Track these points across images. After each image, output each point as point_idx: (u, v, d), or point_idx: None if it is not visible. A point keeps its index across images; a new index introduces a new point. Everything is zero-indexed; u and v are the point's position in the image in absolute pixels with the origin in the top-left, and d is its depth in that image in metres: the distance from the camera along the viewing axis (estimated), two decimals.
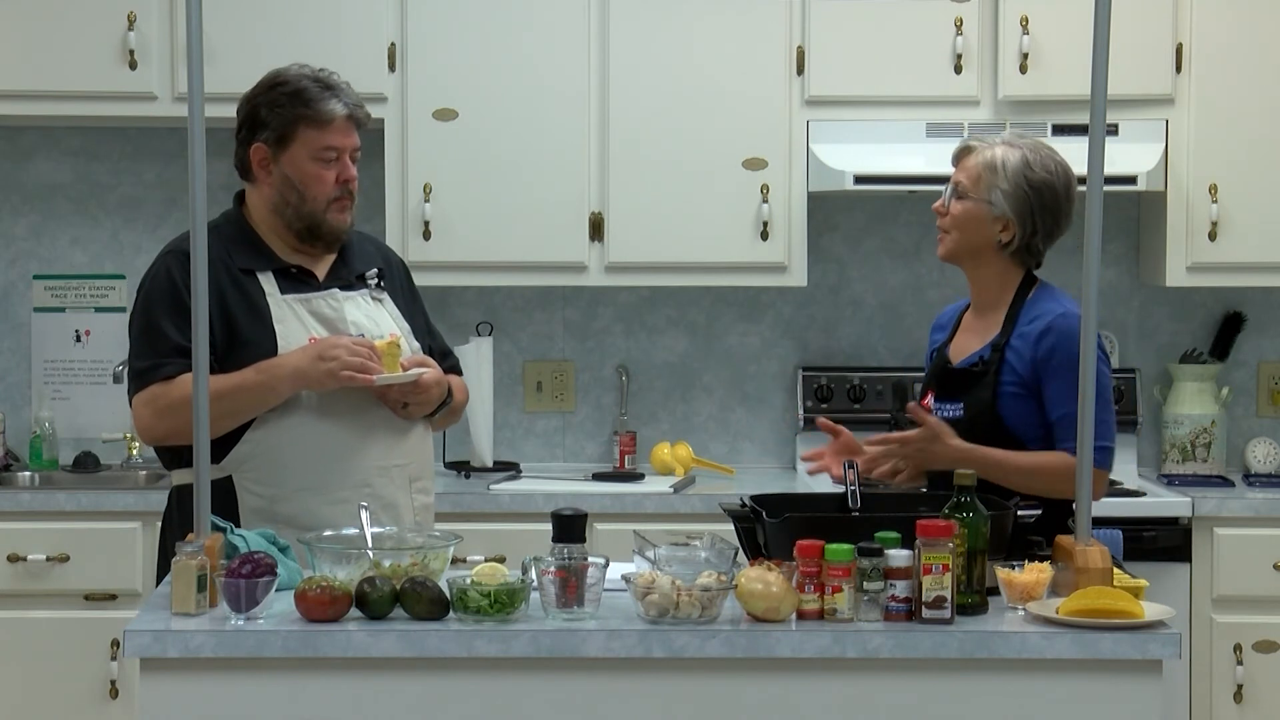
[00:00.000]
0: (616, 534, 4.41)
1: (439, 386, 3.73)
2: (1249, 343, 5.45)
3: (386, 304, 3.81)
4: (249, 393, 3.55)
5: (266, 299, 3.65)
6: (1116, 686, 3.05)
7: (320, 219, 3.68)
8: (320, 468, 3.61)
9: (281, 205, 3.69)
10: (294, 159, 3.67)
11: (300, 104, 3.66)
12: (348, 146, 3.70)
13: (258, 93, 3.71)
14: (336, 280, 3.74)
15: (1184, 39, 5.06)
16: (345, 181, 3.70)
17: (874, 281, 5.46)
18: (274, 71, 3.74)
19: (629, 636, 3.04)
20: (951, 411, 3.66)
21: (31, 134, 5.45)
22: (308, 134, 3.66)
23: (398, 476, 3.70)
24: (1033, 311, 3.68)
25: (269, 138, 3.67)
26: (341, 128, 3.69)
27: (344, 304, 3.71)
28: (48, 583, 4.85)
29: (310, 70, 3.72)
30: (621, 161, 5.10)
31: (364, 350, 3.58)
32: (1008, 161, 3.66)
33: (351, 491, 3.59)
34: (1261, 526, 4.88)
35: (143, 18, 5.06)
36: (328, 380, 3.57)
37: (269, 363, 3.58)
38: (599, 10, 5.09)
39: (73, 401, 5.43)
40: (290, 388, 3.58)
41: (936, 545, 3.06)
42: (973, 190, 3.67)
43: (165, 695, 3.05)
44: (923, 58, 5.08)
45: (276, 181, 3.68)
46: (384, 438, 3.68)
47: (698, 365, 5.49)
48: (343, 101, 3.69)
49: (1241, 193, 5.07)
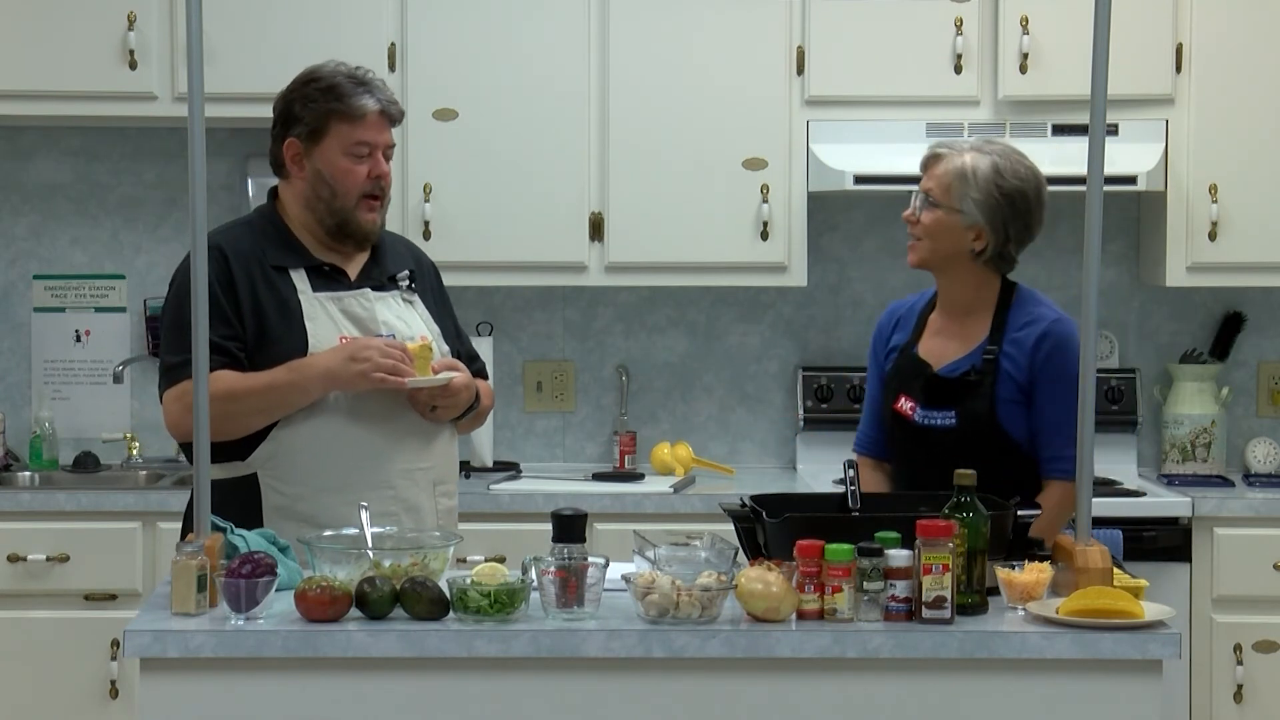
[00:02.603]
0: (616, 534, 4.42)
1: (468, 391, 3.73)
2: (1249, 343, 5.45)
3: (417, 306, 3.80)
4: (280, 391, 3.55)
5: (299, 296, 3.64)
6: (1116, 686, 3.06)
7: (351, 215, 3.68)
8: (345, 469, 3.60)
9: (313, 200, 3.68)
10: (326, 154, 3.67)
11: (333, 99, 3.66)
12: (381, 143, 3.71)
13: (293, 88, 3.71)
14: (369, 280, 3.73)
15: (1184, 39, 5.06)
16: (378, 178, 3.70)
17: (874, 281, 5.46)
18: (310, 68, 3.74)
19: (629, 636, 3.04)
20: (942, 420, 3.65)
21: (31, 134, 5.45)
22: (340, 129, 3.66)
23: (422, 480, 3.69)
24: (1021, 317, 3.67)
25: (302, 133, 3.67)
26: (374, 123, 3.68)
27: (376, 304, 3.70)
28: (48, 583, 4.85)
29: (346, 67, 3.73)
30: (621, 161, 5.10)
31: (396, 353, 3.57)
32: (978, 169, 3.63)
33: (375, 493, 3.58)
34: (1261, 526, 4.87)
35: (143, 18, 5.06)
36: (359, 381, 3.56)
37: (300, 362, 3.57)
38: (599, 10, 5.09)
39: (73, 401, 5.43)
40: (321, 388, 3.57)
41: (936, 545, 3.06)
42: (943, 199, 3.64)
43: (165, 695, 3.05)
44: (923, 58, 5.08)
45: (309, 176, 3.68)
46: (411, 441, 3.68)
47: (698, 365, 5.49)
48: (376, 97, 3.69)
49: (1241, 193, 5.07)
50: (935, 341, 3.75)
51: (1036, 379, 3.62)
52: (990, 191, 3.63)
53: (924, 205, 3.67)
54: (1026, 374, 3.63)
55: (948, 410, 3.65)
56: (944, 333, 3.74)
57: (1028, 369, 3.63)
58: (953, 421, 3.64)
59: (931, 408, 3.67)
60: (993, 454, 3.57)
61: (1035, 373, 3.62)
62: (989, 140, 3.74)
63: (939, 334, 3.75)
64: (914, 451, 3.71)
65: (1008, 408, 3.63)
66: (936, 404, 3.66)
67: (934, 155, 3.70)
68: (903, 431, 3.73)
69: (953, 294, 3.72)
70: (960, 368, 3.68)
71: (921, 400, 3.68)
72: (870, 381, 3.89)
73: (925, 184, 3.69)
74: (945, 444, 3.61)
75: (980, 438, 3.61)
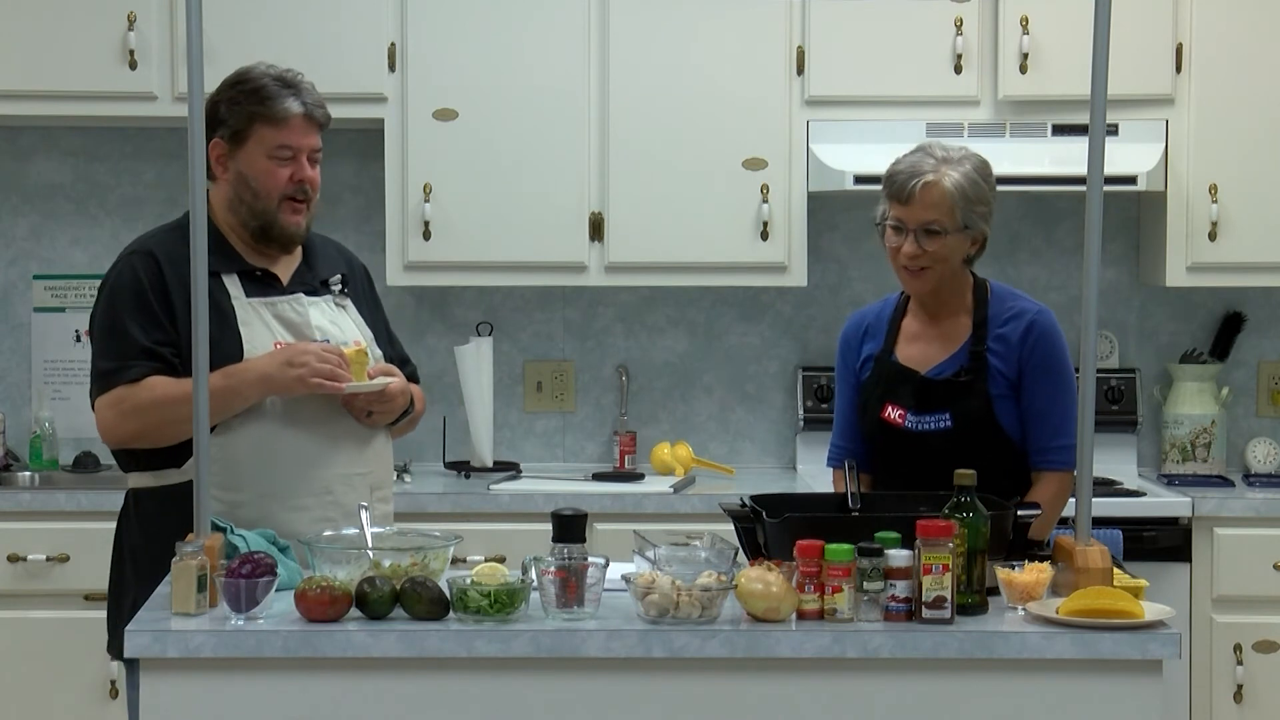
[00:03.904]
0: (616, 534, 4.41)
1: (403, 395, 3.70)
2: (1249, 343, 5.45)
3: (350, 310, 3.76)
4: (215, 397, 3.42)
5: (231, 301, 3.59)
6: (1116, 686, 3.06)
7: (273, 218, 3.62)
8: (283, 474, 3.56)
9: (236, 203, 3.63)
10: (249, 156, 3.62)
11: (257, 101, 3.61)
12: (305, 146, 3.64)
13: (221, 90, 3.66)
14: (301, 285, 3.69)
15: (1184, 39, 5.06)
16: (300, 182, 3.63)
17: (874, 281, 5.45)
18: (239, 70, 3.69)
19: (629, 636, 3.04)
20: (935, 423, 3.65)
21: (31, 134, 5.45)
22: (263, 131, 3.61)
23: (359, 484, 3.64)
24: (1002, 313, 3.67)
25: (226, 134, 3.62)
26: (298, 126, 3.63)
27: (309, 309, 3.66)
28: (48, 583, 4.85)
29: (275, 69, 3.68)
30: (621, 161, 5.10)
31: (333, 358, 3.53)
32: (964, 183, 3.59)
33: (314, 499, 3.56)
34: (1261, 526, 4.88)
35: (143, 18, 5.06)
36: (296, 386, 3.51)
37: (236, 367, 3.52)
38: (599, 10, 5.09)
39: (73, 401, 5.43)
40: (258, 393, 3.53)
41: (936, 545, 3.06)
42: (949, 223, 3.59)
43: (165, 695, 3.05)
44: (923, 58, 5.08)
45: (232, 179, 3.63)
46: (348, 446, 3.64)
47: (698, 365, 5.49)
48: (301, 100, 3.63)
49: (1241, 193, 5.07)
50: (915, 347, 3.73)
51: (1024, 371, 3.63)
52: (983, 197, 3.63)
53: (924, 236, 3.60)
54: (1015, 367, 3.63)
55: (941, 413, 3.65)
56: (923, 337, 3.73)
57: (1016, 362, 3.63)
58: (948, 424, 3.64)
59: (924, 412, 3.66)
60: (988, 452, 3.57)
61: (1023, 365, 3.63)
62: (924, 148, 3.65)
63: (917, 339, 3.73)
64: (905, 458, 3.69)
65: (1000, 403, 3.63)
66: (929, 408, 3.65)
67: (913, 185, 3.58)
68: (892, 439, 3.70)
69: (940, 299, 3.69)
70: (948, 369, 3.67)
71: (912, 406, 3.67)
72: (841, 394, 3.84)
73: (920, 215, 3.58)
74: (939, 447, 3.61)
75: (976, 437, 3.61)
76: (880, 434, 3.71)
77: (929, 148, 3.65)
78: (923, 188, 3.58)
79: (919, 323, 3.74)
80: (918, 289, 3.67)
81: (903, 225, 3.61)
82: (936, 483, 3.30)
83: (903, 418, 3.67)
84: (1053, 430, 3.58)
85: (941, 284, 3.67)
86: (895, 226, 3.62)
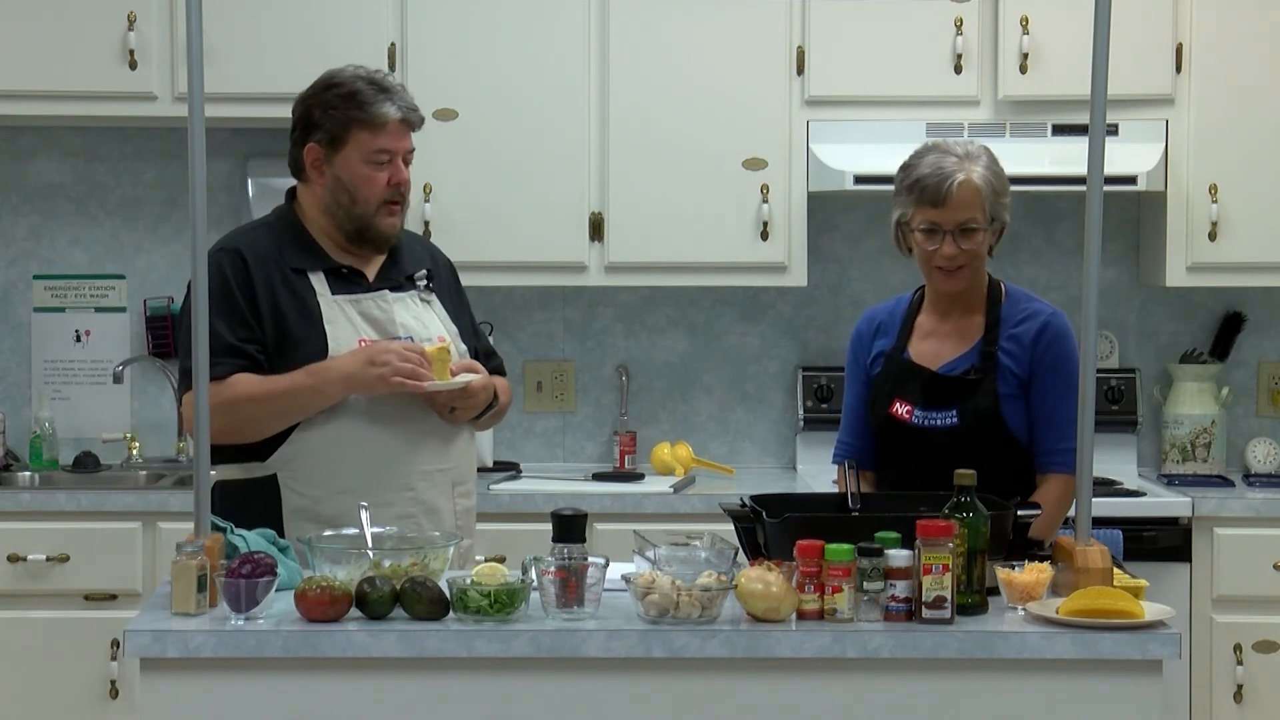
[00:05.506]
0: (616, 534, 4.42)
1: (485, 391, 3.74)
2: (1249, 343, 5.45)
3: (435, 306, 3.80)
4: (299, 395, 3.54)
5: (317, 299, 3.64)
6: (1116, 686, 3.05)
7: (370, 221, 3.67)
8: (365, 471, 3.60)
9: (333, 206, 3.67)
10: (347, 161, 3.65)
11: (354, 106, 3.64)
12: (401, 149, 3.69)
13: (312, 93, 3.69)
14: (386, 281, 3.73)
15: (1184, 39, 5.06)
16: (397, 184, 3.68)
17: (874, 281, 5.45)
18: (329, 72, 3.72)
19: (629, 636, 3.04)
20: (943, 420, 3.65)
21: (31, 134, 5.45)
22: (361, 136, 3.64)
23: (441, 481, 3.69)
24: (1016, 313, 3.67)
25: (322, 139, 3.65)
26: (395, 131, 3.67)
27: (393, 306, 3.70)
28: (48, 583, 4.85)
29: (365, 71, 3.71)
30: (621, 161, 5.10)
31: (415, 356, 3.57)
32: (990, 176, 3.60)
33: (395, 495, 3.59)
34: (1261, 526, 4.87)
35: (143, 18, 5.06)
36: (378, 385, 3.56)
37: (320, 366, 3.57)
38: (599, 10, 5.09)
39: (73, 401, 5.43)
40: (340, 392, 3.57)
41: (936, 545, 3.06)
42: (982, 219, 3.60)
43: (165, 695, 3.05)
44: (923, 58, 5.08)
45: (329, 182, 3.67)
46: (430, 443, 3.68)
47: (698, 365, 5.49)
48: (396, 104, 3.67)
49: (1241, 193, 5.07)
50: (928, 343, 3.73)
51: (1036, 372, 3.63)
52: (1005, 187, 3.64)
53: (961, 236, 3.59)
54: (1027, 368, 3.63)
55: (948, 410, 3.64)
56: (937, 334, 3.73)
57: (1028, 363, 3.63)
58: (954, 421, 3.63)
59: (931, 408, 3.66)
60: (994, 451, 3.57)
61: (1035, 366, 3.63)
62: (937, 147, 3.63)
63: (931, 335, 3.73)
64: (911, 455, 3.69)
65: (1009, 403, 3.63)
66: (936, 404, 3.66)
67: (947, 186, 3.55)
68: (898, 435, 3.70)
69: (961, 296, 3.70)
70: (959, 366, 3.67)
71: (920, 401, 3.67)
72: (850, 390, 3.85)
73: (957, 216, 3.57)
74: (945, 444, 3.61)
75: (982, 435, 3.61)
76: (887, 429, 3.71)
77: (943, 146, 3.64)
78: (957, 188, 3.57)
79: (933, 320, 3.74)
80: (955, 287, 3.66)
81: (938, 227, 3.59)
82: (942, 481, 3.30)
83: (910, 413, 3.67)
84: (1059, 433, 3.57)
85: (975, 279, 3.67)
86: (929, 230, 3.60)
